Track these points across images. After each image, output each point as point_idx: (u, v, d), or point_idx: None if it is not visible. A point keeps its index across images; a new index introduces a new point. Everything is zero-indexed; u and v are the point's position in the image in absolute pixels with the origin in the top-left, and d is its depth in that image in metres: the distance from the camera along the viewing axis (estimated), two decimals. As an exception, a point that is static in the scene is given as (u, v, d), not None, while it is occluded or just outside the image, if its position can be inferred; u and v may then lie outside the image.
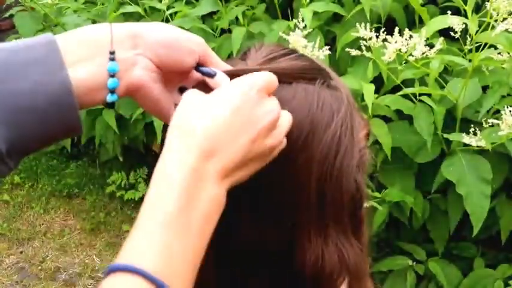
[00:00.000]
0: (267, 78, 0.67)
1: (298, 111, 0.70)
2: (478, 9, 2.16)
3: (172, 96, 0.71)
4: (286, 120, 0.68)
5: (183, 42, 0.67)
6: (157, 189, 0.58)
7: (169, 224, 0.56)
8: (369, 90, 2.04)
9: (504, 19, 1.83)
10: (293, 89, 0.70)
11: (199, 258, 0.59)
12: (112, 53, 0.64)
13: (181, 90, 0.70)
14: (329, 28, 2.55)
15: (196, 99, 0.64)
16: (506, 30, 1.83)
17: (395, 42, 1.92)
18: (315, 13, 2.37)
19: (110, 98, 0.65)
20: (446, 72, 2.27)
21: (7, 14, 3.35)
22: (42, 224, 3.44)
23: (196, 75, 0.71)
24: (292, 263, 0.75)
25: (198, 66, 0.69)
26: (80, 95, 0.62)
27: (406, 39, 1.92)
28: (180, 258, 0.57)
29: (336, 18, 2.59)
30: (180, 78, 0.70)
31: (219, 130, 0.62)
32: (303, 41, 1.91)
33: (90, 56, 0.63)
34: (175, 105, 0.67)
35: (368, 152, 0.81)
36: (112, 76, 0.64)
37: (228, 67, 0.72)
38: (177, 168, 0.59)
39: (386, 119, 2.16)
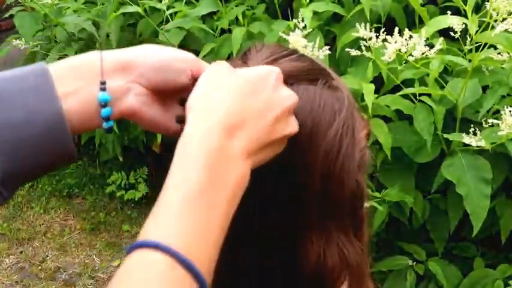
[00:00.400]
0: (280, 71, 0.68)
1: (300, 112, 0.70)
2: (478, 9, 2.16)
3: (172, 108, 0.71)
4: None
5: (172, 63, 0.67)
6: (181, 169, 0.58)
7: (196, 202, 0.56)
8: (368, 90, 2.04)
9: (504, 19, 1.83)
10: (295, 89, 0.70)
11: (222, 238, 0.59)
12: (103, 83, 0.64)
13: (182, 102, 0.70)
14: (329, 28, 2.55)
15: (215, 76, 0.65)
16: (506, 30, 1.83)
17: (395, 42, 1.92)
18: (315, 13, 2.37)
19: (105, 125, 0.65)
20: (446, 72, 2.26)
21: (7, 14, 3.35)
22: (42, 224, 3.45)
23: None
24: (295, 261, 0.76)
25: (184, 99, 0.69)
26: (73, 124, 0.62)
27: (406, 39, 1.92)
28: (205, 237, 0.56)
29: (336, 18, 2.59)
30: (177, 93, 0.70)
31: (242, 106, 0.62)
32: (303, 41, 1.91)
33: (82, 86, 0.63)
34: (177, 117, 0.69)
35: (368, 152, 0.81)
36: (104, 106, 0.64)
37: None
38: (201, 147, 0.59)
39: (386, 119, 2.16)
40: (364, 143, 0.80)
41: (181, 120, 0.69)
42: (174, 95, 0.70)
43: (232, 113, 0.61)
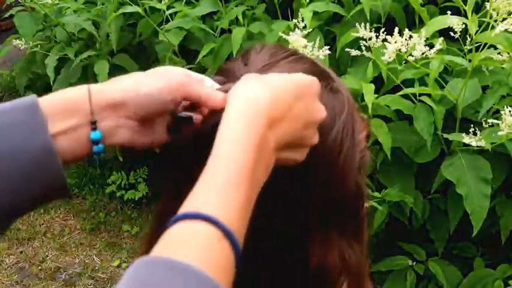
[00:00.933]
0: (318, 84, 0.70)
1: None
2: (478, 9, 2.15)
3: (161, 120, 0.71)
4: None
5: (162, 95, 0.68)
6: (229, 150, 0.59)
7: (247, 180, 0.58)
8: (368, 89, 2.04)
9: (504, 19, 1.83)
10: None
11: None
12: (94, 122, 0.65)
13: (173, 115, 0.71)
14: (329, 28, 2.55)
15: (256, 76, 0.67)
16: (506, 30, 1.83)
17: (395, 42, 1.92)
18: (315, 13, 2.37)
19: (97, 158, 0.66)
20: (447, 72, 2.26)
21: (7, 14, 3.35)
22: (42, 224, 3.44)
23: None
24: (296, 262, 0.77)
25: (174, 113, 0.70)
26: (64, 158, 0.63)
27: (406, 39, 1.92)
28: (247, 214, 0.59)
29: (336, 18, 2.59)
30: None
31: (284, 104, 0.64)
32: (303, 41, 1.91)
33: (72, 125, 0.64)
34: (168, 127, 0.71)
35: (368, 153, 0.82)
36: (96, 143, 0.65)
37: (215, 85, 0.73)
38: (248, 131, 0.60)
39: (386, 119, 2.16)
40: (364, 144, 0.80)
41: (172, 130, 0.71)
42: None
43: (276, 107, 0.63)
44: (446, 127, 2.13)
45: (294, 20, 2.10)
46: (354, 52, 2.07)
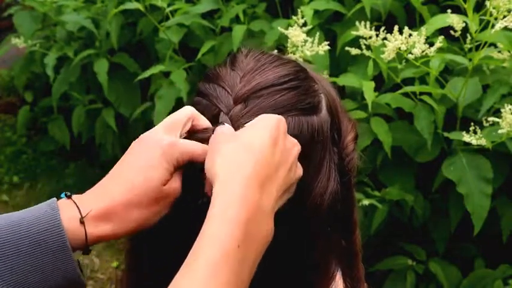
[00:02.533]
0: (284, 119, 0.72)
1: None
2: (479, 8, 2.15)
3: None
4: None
5: (145, 199, 0.70)
6: (218, 224, 0.61)
7: (232, 258, 0.59)
8: (368, 87, 2.04)
9: (504, 17, 1.82)
10: None
11: (248, 283, 0.62)
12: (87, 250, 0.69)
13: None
14: (329, 27, 2.54)
15: (230, 136, 0.69)
16: (506, 27, 1.83)
17: (395, 40, 1.91)
18: (316, 11, 2.36)
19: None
20: (447, 71, 2.26)
21: (6, 13, 3.35)
22: (41, 224, 3.43)
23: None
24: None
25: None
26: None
27: (405, 37, 1.91)
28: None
29: (337, 17, 2.58)
30: None
31: (266, 160, 0.66)
32: (302, 36, 1.90)
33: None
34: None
35: (356, 156, 0.83)
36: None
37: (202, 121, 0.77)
38: (238, 203, 0.62)
39: (386, 119, 2.15)
40: (351, 147, 0.83)
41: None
42: None
43: (261, 167, 0.65)
44: (447, 126, 2.12)
45: (294, 18, 2.09)
46: (354, 51, 2.06)
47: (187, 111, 0.74)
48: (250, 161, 0.65)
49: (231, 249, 0.59)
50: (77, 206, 0.67)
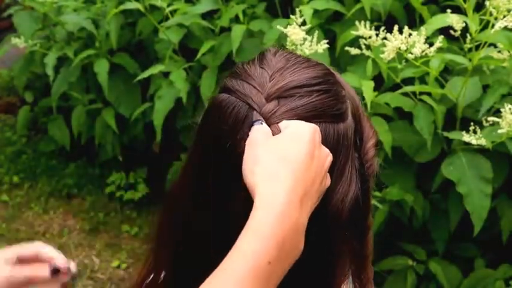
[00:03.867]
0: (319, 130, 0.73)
1: None
2: (479, 8, 2.14)
3: None
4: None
5: None
6: (252, 240, 0.61)
7: (256, 276, 0.60)
8: (368, 87, 2.03)
9: (504, 16, 1.82)
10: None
11: None
12: None
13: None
14: (329, 27, 2.54)
15: (268, 142, 0.69)
16: (506, 27, 1.82)
17: (395, 40, 1.91)
18: (316, 11, 2.36)
19: None
20: (447, 71, 2.25)
21: (6, 13, 3.35)
22: (41, 225, 3.43)
23: None
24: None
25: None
26: None
27: (405, 37, 1.91)
28: None
29: (337, 17, 2.58)
30: None
31: (304, 176, 0.67)
32: (301, 34, 1.90)
33: None
34: None
35: (376, 162, 0.85)
36: None
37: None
38: (277, 221, 0.62)
39: (386, 119, 2.15)
40: (372, 153, 0.84)
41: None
42: None
43: (300, 183, 0.66)
44: (447, 126, 2.12)
45: (293, 17, 2.08)
46: (354, 51, 2.06)
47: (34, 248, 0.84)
48: (289, 175, 0.65)
49: (261, 265, 0.60)
50: None
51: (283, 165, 0.66)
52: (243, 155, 0.70)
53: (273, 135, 0.71)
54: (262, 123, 0.72)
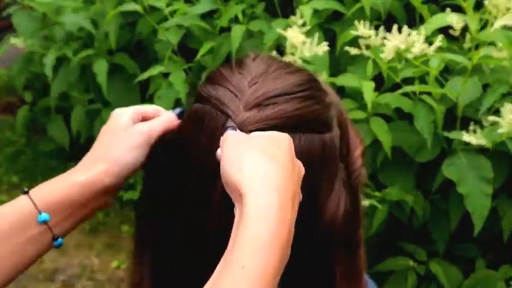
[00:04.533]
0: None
1: None
2: (479, 8, 2.14)
3: None
4: None
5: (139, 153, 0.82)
6: (255, 247, 0.59)
7: (269, 283, 0.58)
8: (368, 87, 2.03)
9: (503, 15, 1.82)
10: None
11: None
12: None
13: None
14: (329, 26, 2.53)
15: (246, 142, 0.67)
16: (505, 26, 1.82)
17: (394, 39, 1.91)
18: (315, 11, 2.35)
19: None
20: (448, 71, 2.25)
21: (5, 13, 3.34)
22: (41, 225, 3.43)
23: None
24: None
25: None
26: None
27: (405, 36, 1.91)
28: None
29: (337, 17, 2.57)
30: None
31: (291, 175, 0.65)
32: (301, 37, 1.89)
33: None
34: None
35: (364, 172, 0.80)
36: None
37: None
38: (278, 226, 0.60)
39: (386, 119, 2.15)
40: (359, 162, 0.79)
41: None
42: None
43: (289, 182, 0.63)
44: (447, 126, 2.11)
45: (293, 18, 2.08)
46: (353, 51, 2.06)
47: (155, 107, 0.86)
48: (280, 174, 0.62)
49: (270, 279, 0.58)
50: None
51: (271, 163, 0.63)
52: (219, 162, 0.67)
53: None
54: (236, 130, 0.69)
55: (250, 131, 0.69)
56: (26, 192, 0.76)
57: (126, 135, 0.81)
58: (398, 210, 2.26)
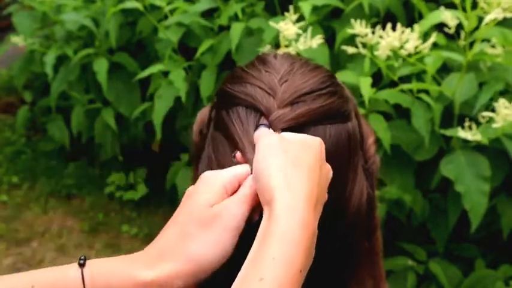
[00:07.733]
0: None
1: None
2: (475, 6, 2.14)
3: None
4: None
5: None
6: (280, 249, 0.60)
7: (296, 283, 0.59)
8: (365, 83, 2.02)
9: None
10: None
11: None
12: None
13: None
14: (328, 23, 2.53)
15: (276, 146, 0.67)
16: (499, 22, 1.82)
17: (388, 37, 1.91)
18: (315, 8, 2.35)
19: None
20: (446, 69, 2.25)
21: (5, 13, 3.35)
22: (41, 225, 3.43)
23: None
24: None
25: None
26: None
27: (399, 34, 1.91)
28: None
29: (336, 14, 2.57)
30: None
31: (317, 181, 0.66)
32: (293, 29, 1.88)
33: None
34: None
35: (378, 158, 0.84)
36: None
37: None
38: (302, 231, 0.61)
39: (385, 117, 2.14)
40: (373, 150, 0.83)
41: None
42: None
43: (314, 188, 0.65)
44: (445, 124, 2.11)
45: (287, 14, 2.07)
46: (350, 49, 2.06)
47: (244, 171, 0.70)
48: (305, 182, 0.64)
49: (295, 273, 0.59)
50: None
51: (299, 171, 0.65)
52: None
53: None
54: (269, 128, 0.71)
55: (282, 129, 0.71)
56: (82, 265, 0.66)
57: (213, 221, 0.66)
58: (397, 208, 2.26)
